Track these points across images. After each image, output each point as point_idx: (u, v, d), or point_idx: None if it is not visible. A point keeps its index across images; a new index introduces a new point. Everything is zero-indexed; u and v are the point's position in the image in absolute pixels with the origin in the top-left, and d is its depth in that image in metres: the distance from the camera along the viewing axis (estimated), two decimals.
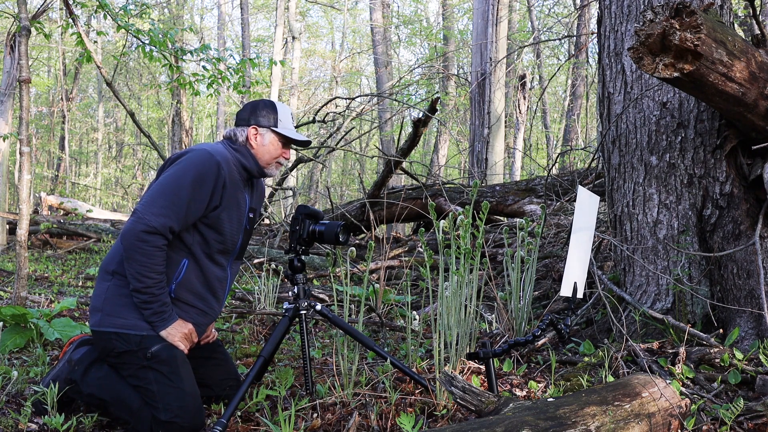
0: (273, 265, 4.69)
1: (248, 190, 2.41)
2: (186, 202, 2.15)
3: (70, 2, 5.38)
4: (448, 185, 7.35)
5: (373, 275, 4.98)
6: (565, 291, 2.41)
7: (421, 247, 3.49)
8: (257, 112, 2.39)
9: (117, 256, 2.25)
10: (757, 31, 2.42)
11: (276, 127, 2.39)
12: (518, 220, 5.11)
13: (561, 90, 19.29)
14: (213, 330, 2.55)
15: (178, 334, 2.20)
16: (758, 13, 2.66)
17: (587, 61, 14.65)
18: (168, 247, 2.19)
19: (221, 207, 2.25)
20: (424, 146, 20.12)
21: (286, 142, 2.42)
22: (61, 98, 18.25)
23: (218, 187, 2.22)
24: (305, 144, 2.52)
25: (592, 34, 10.94)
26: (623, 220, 2.89)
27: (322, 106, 7.69)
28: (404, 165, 6.92)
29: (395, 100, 8.27)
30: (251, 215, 2.44)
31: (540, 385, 2.40)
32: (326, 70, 23.68)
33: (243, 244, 2.42)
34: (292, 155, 12.50)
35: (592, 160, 5.22)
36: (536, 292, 3.80)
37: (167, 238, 2.15)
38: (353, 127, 9.07)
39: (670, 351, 2.45)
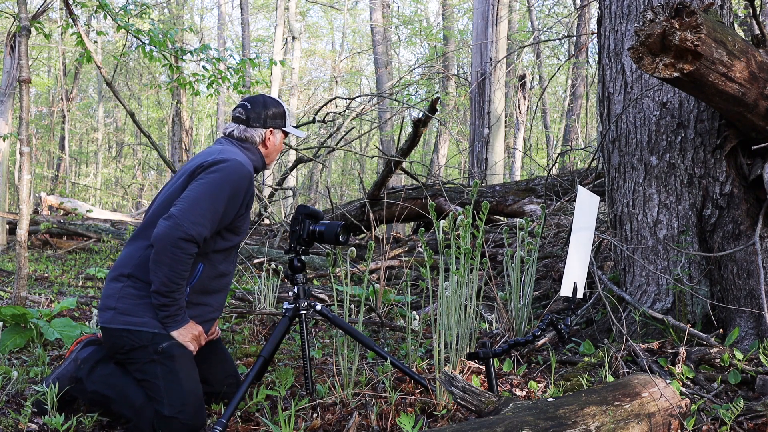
0: (273, 265, 4.69)
1: None
2: (221, 213, 2.21)
3: (70, 2, 5.38)
4: (448, 185, 7.35)
5: (373, 275, 4.97)
6: (565, 291, 2.41)
7: (421, 247, 3.49)
8: (269, 112, 2.44)
9: (134, 259, 2.25)
10: (757, 31, 2.42)
11: (285, 126, 2.48)
12: (518, 220, 5.11)
13: (561, 90, 19.29)
14: (217, 329, 2.56)
15: (189, 335, 2.23)
16: (758, 13, 2.66)
17: (587, 61, 14.64)
18: None
19: (245, 213, 2.33)
20: (424, 146, 20.11)
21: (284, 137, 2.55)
22: (61, 98, 18.24)
23: (247, 196, 2.30)
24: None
25: (592, 34, 10.94)
26: (623, 220, 2.89)
27: (322, 106, 7.69)
28: (404, 165, 6.92)
29: (395, 100, 8.27)
30: None
31: (540, 385, 2.40)
32: (326, 70, 23.69)
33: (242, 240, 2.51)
34: (292, 154, 12.51)
35: (592, 160, 5.22)
36: (536, 292, 3.80)
37: (200, 246, 2.18)
38: (353, 127, 9.07)
39: (670, 351, 2.45)
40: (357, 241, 7.80)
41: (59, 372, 2.36)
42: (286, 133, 2.51)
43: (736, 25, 4.46)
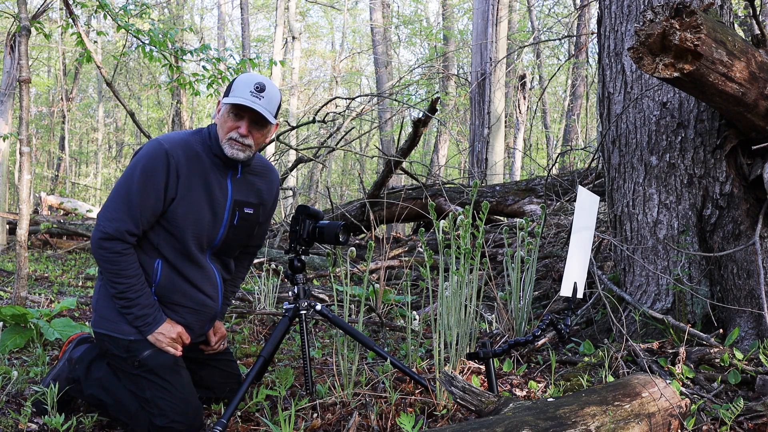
0: (273, 265, 4.69)
1: (233, 180, 2.24)
2: (138, 200, 2.05)
3: (70, 2, 5.38)
4: (448, 185, 7.36)
5: (373, 275, 4.97)
6: (565, 291, 2.41)
7: (421, 247, 3.49)
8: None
9: None
10: (757, 31, 2.42)
11: (227, 96, 2.14)
12: (518, 220, 5.11)
13: (561, 90, 19.30)
14: (223, 344, 2.47)
15: (166, 339, 2.13)
16: (758, 13, 2.66)
17: (587, 61, 14.65)
18: (139, 249, 2.14)
19: (178, 198, 2.11)
20: (424, 146, 20.12)
21: (238, 113, 2.15)
22: (61, 98, 18.25)
23: (171, 176, 2.08)
24: (256, 115, 2.13)
25: (592, 34, 10.94)
26: (623, 220, 2.89)
27: (322, 106, 7.69)
28: (404, 165, 6.92)
29: (395, 100, 8.26)
30: (248, 211, 2.27)
31: (540, 385, 2.40)
32: (326, 70, 23.69)
33: (228, 240, 2.26)
34: (292, 154, 12.51)
35: (592, 160, 5.22)
36: (536, 292, 3.80)
37: (126, 241, 2.07)
38: (353, 127, 9.07)
39: (670, 351, 2.45)
40: (357, 241, 7.80)
41: (55, 373, 2.35)
42: (237, 109, 2.14)
43: (736, 25, 4.46)
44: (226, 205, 2.22)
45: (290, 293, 2.44)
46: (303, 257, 2.44)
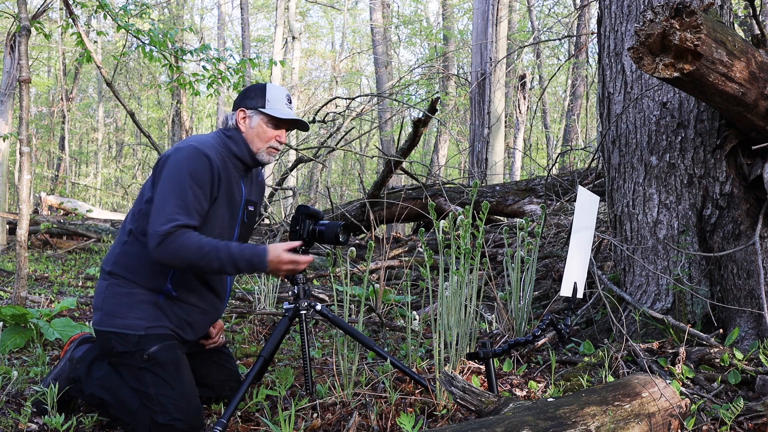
0: None
1: (245, 181, 2.36)
2: (193, 201, 2.11)
3: (70, 2, 5.38)
4: (448, 185, 7.36)
5: (373, 275, 4.97)
6: (565, 291, 2.41)
7: (421, 247, 3.49)
8: (246, 94, 2.32)
9: (114, 256, 2.24)
10: (757, 31, 2.42)
11: (264, 108, 2.28)
12: (518, 220, 5.11)
13: (561, 90, 19.29)
14: (222, 337, 2.53)
15: (282, 266, 2.16)
16: (758, 13, 2.66)
17: (587, 61, 14.65)
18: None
19: (218, 200, 2.21)
20: (424, 146, 20.12)
21: (277, 124, 2.31)
22: (61, 98, 18.24)
23: (215, 179, 2.18)
24: (300, 125, 2.36)
25: (592, 34, 10.95)
26: (623, 220, 2.89)
27: (322, 106, 7.69)
28: (404, 165, 6.91)
29: (395, 100, 8.26)
30: (251, 208, 2.40)
31: (540, 385, 2.40)
32: (326, 70, 23.68)
33: (240, 238, 2.38)
34: (292, 154, 12.51)
35: (592, 160, 5.22)
36: (536, 292, 3.80)
37: (189, 226, 2.09)
38: (353, 127, 9.07)
39: (670, 351, 2.45)
40: (357, 241, 7.80)
41: (56, 372, 2.35)
42: (276, 120, 2.30)
43: (736, 25, 4.46)
44: (241, 204, 2.34)
45: (290, 293, 2.44)
46: None
